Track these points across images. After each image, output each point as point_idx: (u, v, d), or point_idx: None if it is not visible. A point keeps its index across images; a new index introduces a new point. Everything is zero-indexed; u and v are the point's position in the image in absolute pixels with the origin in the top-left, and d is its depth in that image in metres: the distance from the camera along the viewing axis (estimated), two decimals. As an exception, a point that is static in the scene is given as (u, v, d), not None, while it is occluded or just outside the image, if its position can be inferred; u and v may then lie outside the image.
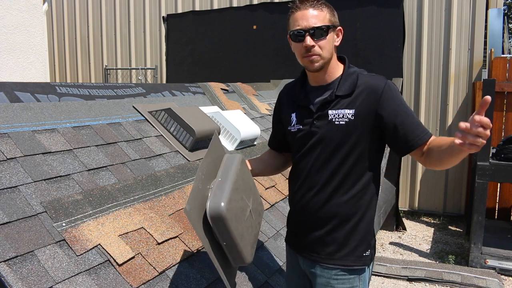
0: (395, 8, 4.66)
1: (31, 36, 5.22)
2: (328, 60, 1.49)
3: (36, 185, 1.67)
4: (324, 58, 1.47)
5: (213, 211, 1.30)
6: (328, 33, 1.46)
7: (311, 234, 1.55)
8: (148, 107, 2.66)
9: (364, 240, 1.51)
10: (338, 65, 1.55)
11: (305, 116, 1.54)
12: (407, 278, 3.66)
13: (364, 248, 1.51)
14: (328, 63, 1.50)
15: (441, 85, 5.32)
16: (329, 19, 1.47)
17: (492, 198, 4.86)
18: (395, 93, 1.46)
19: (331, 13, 1.49)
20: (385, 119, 1.43)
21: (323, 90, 1.53)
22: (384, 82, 1.46)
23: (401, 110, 1.44)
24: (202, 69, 5.79)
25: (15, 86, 2.10)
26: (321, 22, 1.44)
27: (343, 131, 1.46)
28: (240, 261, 1.41)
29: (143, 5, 6.94)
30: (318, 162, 1.52)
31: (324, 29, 1.44)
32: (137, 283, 1.55)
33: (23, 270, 1.35)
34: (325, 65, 1.49)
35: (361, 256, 1.50)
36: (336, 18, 1.51)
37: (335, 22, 1.50)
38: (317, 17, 1.45)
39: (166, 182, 2.15)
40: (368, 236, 1.52)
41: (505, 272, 3.77)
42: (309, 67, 1.51)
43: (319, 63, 1.47)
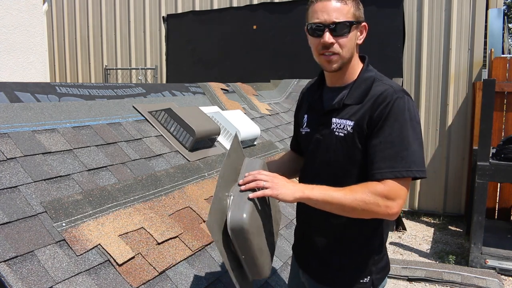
0: (395, 8, 4.66)
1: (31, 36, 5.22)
2: (348, 60, 1.33)
3: (36, 185, 1.67)
4: (344, 58, 1.31)
5: (234, 224, 1.20)
6: (351, 30, 1.29)
7: (309, 248, 1.48)
8: (148, 107, 2.66)
9: (363, 266, 1.37)
10: (359, 65, 1.39)
11: (315, 119, 1.43)
12: (407, 278, 3.66)
13: (362, 275, 1.37)
14: (348, 63, 1.34)
15: (441, 85, 5.33)
16: (353, 14, 1.29)
17: (492, 198, 4.86)
18: (400, 112, 1.23)
19: (356, 7, 1.30)
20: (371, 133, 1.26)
21: (338, 92, 1.38)
22: (394, 97, 1.25)
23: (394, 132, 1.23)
24: (202, 69, 5.79)
25: (15, 86, 2.10)
26: (344, 16, 1.27)
27: (342, 144, 1.32)
28: (258, 275, 1.33)
29: (143, 5, 6.94)
30: (317, 172, 1.42)
31: (347, 25, 1.27)
32: (137, 283, 1.55)
33: (23, 270, 1.35)
34: (344, 65, 1.33)
35: (358, 283, 1.37)
36: (361, 12, 1.33)
37: (360, 17, 1.31)
38: (340, 10, 1.27)
39: (166, 182, 2.15)
40: (369, 262, 1.37)
41: (505, 272, 3.77)
42: (325, 67, 1.35)
43: (337, 63, 1.32)
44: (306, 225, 1.52)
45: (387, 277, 1.48)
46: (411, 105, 1.26)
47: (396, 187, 1.21)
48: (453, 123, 5.31)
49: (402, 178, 1.22)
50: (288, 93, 4.59)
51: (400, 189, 1.22)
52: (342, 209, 1.24)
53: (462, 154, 5.30)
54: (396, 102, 1.24)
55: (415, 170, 1.22)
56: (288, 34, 5.08)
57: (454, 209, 5.39)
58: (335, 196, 1.22)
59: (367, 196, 1.21)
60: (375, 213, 1.23)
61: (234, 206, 1.22)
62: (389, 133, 1.23)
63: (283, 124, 3.82)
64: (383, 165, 1.22)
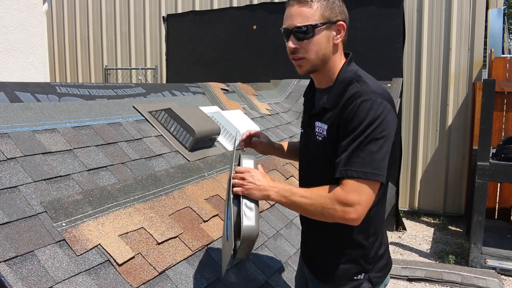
0: (395, 8, 4.66)
1: (31, 36, 5.22)
2: (320, 62, 1.32)
3: (36, 185, 1.67)
4: (312, 61, 1.31)
5: (248, 234, 1.29)
6: (315, 33, 1.27)
7: (307, 244, 1.54)
8: (148, 107, 2.66)
9: (355, 264, 1.37)
10: (341, 65, 1.37)
11: (306, 121, 1.47)
12: (407, 278, 3.66)
13: (354, 271, 1.37)
14: (322, 65, 1.33)
15: (441, 85, 5.33)
16: (321, 15, 1.27)
17: (492, 198, 4.87)
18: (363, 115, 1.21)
19: (325, 7, 1.27)
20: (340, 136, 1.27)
21: (324, 94, 1.39)
22: (359, 100, 1.23)
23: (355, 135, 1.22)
24: (202, 69, 5.79)
25: (15, 86, 2.10)
26: (307, 20, 1.26)
27: (320, 148, 1.35)
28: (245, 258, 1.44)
29: (143, 5, 6.94)
30: (305, 171, 1.47)
31: (306, 28, 1.26)
32: (137, 283, 1.55)
33: (23, 270, 1.35)
34: (317, 68, 1.33)
35: (350, 280, 1.38)
36: (335, 11, 1.29)
37: (331, 17, 1.28)
38: (304, 14, 1.27)
39: (166, 182, 2.15)
40: (359, 259, 1.37)
41: (505, 272, 3.77)
42: (297, 71, 1.36)
43: (306, 67, 1.33)
44: (301, 222, 1.57)
45: (389, 276, 1.49)
46: (378, 107, 1.22)
47: (353, 191, 1.20)
48: (453, 123, 5.31)
49: (359, 182, 1.20)
50: (288, 93, 4.59)
51: (358, 194, 1.20)
52: (304, 212, 1.31)
53: (462, 154, 5.30)
54: (361, 106, 1.22)
55: (369, 172, 1.19)
56: (288, 34, 5.07)
57: (454, 209, 5.39)
58: (296, 201, 1.28)
59: (325, 201, 1.23)
60: (333, 218, 1.24)
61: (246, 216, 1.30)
62: (351, 135, 1.23)
63: (283, 124, 3.82)
64: (342, 167, 1.23)
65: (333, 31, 1.30)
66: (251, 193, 1.33)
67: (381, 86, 1.32)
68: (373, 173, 1.20)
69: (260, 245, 2.17)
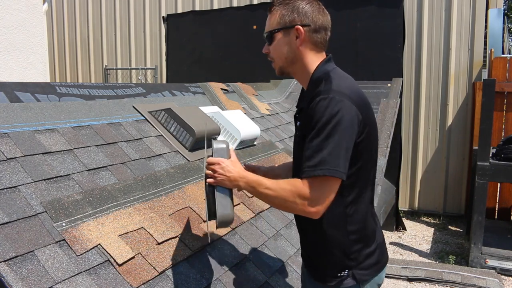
0: (395, 8, 4.66)
1: (31, 36, 5.22)
2: (285, 64, 1.40)
3: (36, 185, 1.67)
4: (278, 64, 1.41)
5: (223, 220, 1.43)
6: (273, 38, 1.37)
7: (300, 243, 1.60)
8: (148, 107, 2.66)
9: (335, 261, 1.41)
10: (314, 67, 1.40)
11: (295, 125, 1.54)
12: (407, 278, 3.66)
13: (337, 269, 1.40)
14: (289, 67, 1.41)
15: (441, 85, 5.33)
16: (278, 22, 1.35)
17: (492, 198, 4.87)
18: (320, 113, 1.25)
19: (282, 14, 1.34)
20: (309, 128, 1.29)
21: (306, 93, 1.44)
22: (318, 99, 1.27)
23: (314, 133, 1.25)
24: (202, 69, 5.79)
25: (15, 86, 2.10)
26: (269, 27, 1.39)
27: (297, 145, 1.43)
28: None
29: (143, 5, 6.94)
30: (295, 173, 1.50)
31: (267, 35, 1.38)
32: (137, 283, 1.55)
33: (23, 270, 1.35)
34: (284, 69, 1.42)
35: (334, 276, 1.41)
36: (292, 17, 1.33)
37: (287, 23, 1.34)
38: (269, 21, 1.39)
39: (166, 182, 2.15)
40: (340, 256, 1.40)
41: (505, 272, 3.77)
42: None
43: (276, 69, 1.44)
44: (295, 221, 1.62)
45: (383, 274, 1.50)
46: (335, 105, 1.24)
47: (312, 187, 1.25)
48: (453, 123, 5.31)
49: (317, 179, 1.24)
50: (288, 93, 4.59)
51: (316, 190, 1.25)
52: (269, 203, 1.39)
53: (462, 154, 5.30)
54: (319, 104, 1.26)
55: (327, 169, 1.23)
56: (288, 34, 5.08)
57: (454, 209, 5.39)
58: (262, 192, 1.34)
59: (287, 194, 1.29)
60: (295, 210, 1.31)
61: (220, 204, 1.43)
62: (311, 134, 1.27)
63: (283, 124, 3.82)
64: (303, 164, 1.27)
65: (292, 35, 1.36)
66: (222, 184, 1.41)
67: (351, 85, 1.35)
68: (330, 170, 1.23)
69: (260, 245, 2.17)
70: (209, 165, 1.43)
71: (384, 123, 3.98)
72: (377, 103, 4.24)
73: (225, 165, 1.40)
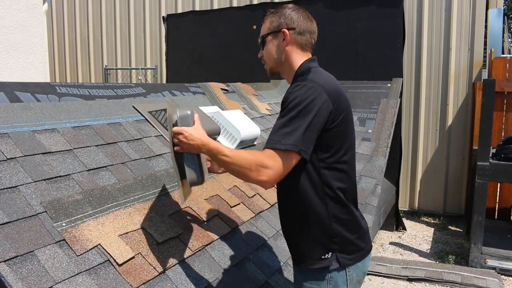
0: (395, 8, 4.66)
1: (31, 36, 5.22)
2: (274, 65, 1.58)
3: (36, 185, 1.67)
4: (269, 65, 1.60)
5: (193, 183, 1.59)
6: (265, 42, 1.57)
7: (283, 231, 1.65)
8: (148, 107, 2.65)
9: (319, 243, 1.47)
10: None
11: None
12: (407, 278, 3.66)
13: (321, 251, 1.47)
14: (277, 67, 1.58)
15: (441, 85, 5.33)
16: (268, 28, 1.56)
17: (492, 198, 4.87)
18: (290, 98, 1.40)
19: (271, 21, 1.55)
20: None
21: None
22: (294, 85, 1.45)
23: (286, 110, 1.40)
24: (202, 69, 5.79)
25: (15, 86, 2.10)
26: (261, 33, 1.59)
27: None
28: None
29: (143, 5, 6.94)
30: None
31: (261, 40, 1.59)
32: (137, 283, 1.55)
33: (23, 270, 1.35)
34: (274, 70, 1.60)
35: (319, 259, 1.47)
36: (279, 22, 1.53)
37: (275, 28, 1.54)
38: (261, 29, 1.60)
39: (166, 182, 2.15)
40: (323, 238, 1.47)
41: (505, 272, 3.77)
42: None
43: (268, 70, 1.63)
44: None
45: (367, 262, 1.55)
46: (307, 90, 1.38)
47: (269, 157, 1.35)
48: (453, 123, 5.31)
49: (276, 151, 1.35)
50: (288, 93, 4.59)
51: (272, 160, 1.35)
52: (227, 169, 1.47)
53: (462, 154, 5.30)
54: (293, 89, 1.42)
55: (288, 144, 1.34)
56: (288, 34, 5.07)
57: (454, 209, 5.39)
58: (220, 159, 1.44)
59: (244, 162, 1.38)
60: (247, 178, 1.39)
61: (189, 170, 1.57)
62: (281, 113, 1.43)
63: (283, 124, 3.82)
64: (268, 138, 1.40)
65: (280, 37, 1.54)
66: (188, 151, 1.52)
67: (328, 80, 1.46)
68: (292, 145, 1.34)
69: (260, 245, 2.17)
70: (174, 133, 1.52)
71: (384, 123, 3.98)
72: (377, 103, 4.24)
73: (188, 134, 1.49)
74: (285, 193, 1.56)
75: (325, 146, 1.42)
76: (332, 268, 1.46)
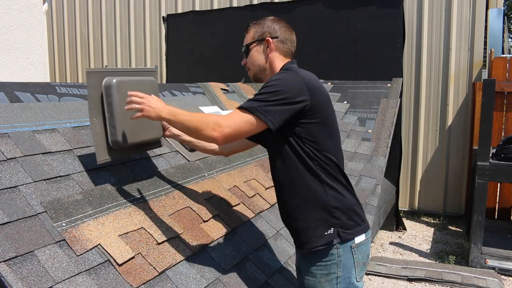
0: (395, 8, 4.66)
1: (31, 36, 5.22)
2: (259, 71, 1.70)
3: (36, 185, 1.67)
4: (253, 71, 1.72)
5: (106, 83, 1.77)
6: (250, 50, 1.70)
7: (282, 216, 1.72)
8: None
9: (321, 220, 1.55)
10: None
11: None
12: (407, 278, 3.66)
13: (323, 228, 1.54)
14: (261, 73, 1.70)
15: (441, 85, 5.32)
16: (252, 37, 1.69)
17: (492, 198, 4.86)
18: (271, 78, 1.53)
19: (255, 31, 1.69)
20: None
21: None
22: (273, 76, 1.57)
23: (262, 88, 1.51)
24: (202, 69, 5.79)
25: (15, 86, 2.10)
26: (245, 42, 1.71)
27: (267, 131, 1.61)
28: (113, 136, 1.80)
29: (143, 5, 6.94)
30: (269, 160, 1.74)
31: (245, 49, 1.71)
32: (137, 283, 1.55)
33: (23, 270, 1.35)
34: (258, 75, 1.71)
35: (322, 236, 1.54)
36: (262, 31, 1.66)
37: (259, 37, 1.67)
38: (245, 39, 1.72)
39: (166, 182, 2.15)
40: (322, 215, 1.55)
41: (505, 272, 3.77)
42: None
43: (251, 76, 1.74)
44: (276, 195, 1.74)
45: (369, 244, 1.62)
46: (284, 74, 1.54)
47: (229, 116, 1.48)
48: (453, 123, 5.31)
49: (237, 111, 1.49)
50: (288, 93, 4.58)
51: (231, 119, 1.47)
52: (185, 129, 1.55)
53: (462, 154, 5.30)
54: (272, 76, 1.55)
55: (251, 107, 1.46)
56: (288, 34, 5.07)
57: (454, 209, 5.39)
58: (179, 118, 1.53)
59: (204, 119, 1.49)
60: (202, 133, 1.48)
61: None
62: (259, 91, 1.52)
63: (283, 124, 3.82)
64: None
65: (264, 46, 1.68)
66: (148, 114, 1.59)
67: (307, 73, 1.58)
68: (253, 108, 1.46)
69: (260, 245, 2.17)
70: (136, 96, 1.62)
71: (384, 123, 3.98)
72: (377, 103, 4.24)
73: (151, 100, 1.60)
74: (281, 182, 1.63)
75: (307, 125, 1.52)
76: (336, 242, 1.53)
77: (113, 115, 1.78)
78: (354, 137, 3.88)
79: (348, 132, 3.94)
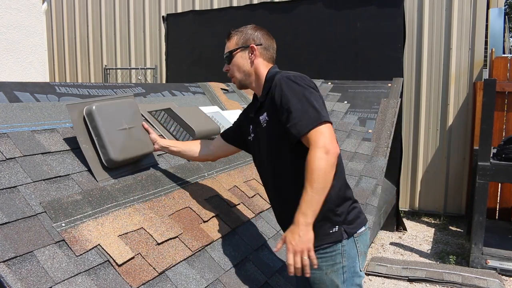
0: (396, 8, 4.65)
1: (31, 36, 5.21)
2: (244, 77, 1.72)
3: (35, 185, 1.66)
4: (237, 78, 1.73)
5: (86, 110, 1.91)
6: (232, 57, 1.71)
7: (280, 222, 1.75)
8: (148, 107, 2.65)
9: (324, 219, 1.53)
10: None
11: (254, 126, 1.75)
12: (407, 279, 3.65)
13: (328, 226, 1.55)
14: (246, 79, 1.72)
15: (442, 85, 5.32)
16: (235, 43, 1.71)
17: (493, 198, 4.86)
18: (286, 83, 1.54)
19: (239, 37, 1.71)
20: (278, 108, 1.54)
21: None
22: (277, 78, 1.59)
23: (291, 97, 1.50)
24: (202, 69, 5.78)
25: (15, 86, 2.09)
26: (228, 49, 1.73)
27: (267, 132, 1.64)
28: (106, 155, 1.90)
29: (143, 5, 6.93)
30: (263, 162, 1.72)
31: (228, 55, 1.73)
32: (136, 283, 1.54)
33: (23, 271, 1.34)
34: (243, 82, 1.73)
35: (328, 234, 1.55)
36: (246, 38, 1.70)
37: (243, 43, 1.70)
38: (227, 45, 1.74)
39: (166, 182, 2.14)
40: (327, 214, 1.53)
41: (506, 272, 3.76)
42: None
43: (236, 83, 1.76)
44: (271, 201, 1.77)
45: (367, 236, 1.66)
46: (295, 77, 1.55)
47: (315, 134, 1.44)
48: (453, 123, 5.30)
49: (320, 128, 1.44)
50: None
51: (319, 134, 1.44)
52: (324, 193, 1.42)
53: (463, 154, 5.30)
54: (278, 79, 1.57)
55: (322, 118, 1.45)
56: (288, 34, 5.07)
57: (455, 209, 5.38)
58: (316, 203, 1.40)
59: (318, 172, 1.39)
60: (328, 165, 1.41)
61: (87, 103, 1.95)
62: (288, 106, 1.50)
63: (283, 124, 3.82)
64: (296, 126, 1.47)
65: (248, 52, 1.70)
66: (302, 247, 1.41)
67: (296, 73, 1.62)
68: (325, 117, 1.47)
69: (260, 245, 2.16)
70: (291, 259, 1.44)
71: (384, 123, 3.97)
72: (378, 103, 4.23)
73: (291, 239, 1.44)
74: (283, 184, 1.63)
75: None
76: (344, 239, 1.55)
77: (101, 137, 1.89)
78: (355, 137, 3.87)
79: (348, 132, 3.93)
